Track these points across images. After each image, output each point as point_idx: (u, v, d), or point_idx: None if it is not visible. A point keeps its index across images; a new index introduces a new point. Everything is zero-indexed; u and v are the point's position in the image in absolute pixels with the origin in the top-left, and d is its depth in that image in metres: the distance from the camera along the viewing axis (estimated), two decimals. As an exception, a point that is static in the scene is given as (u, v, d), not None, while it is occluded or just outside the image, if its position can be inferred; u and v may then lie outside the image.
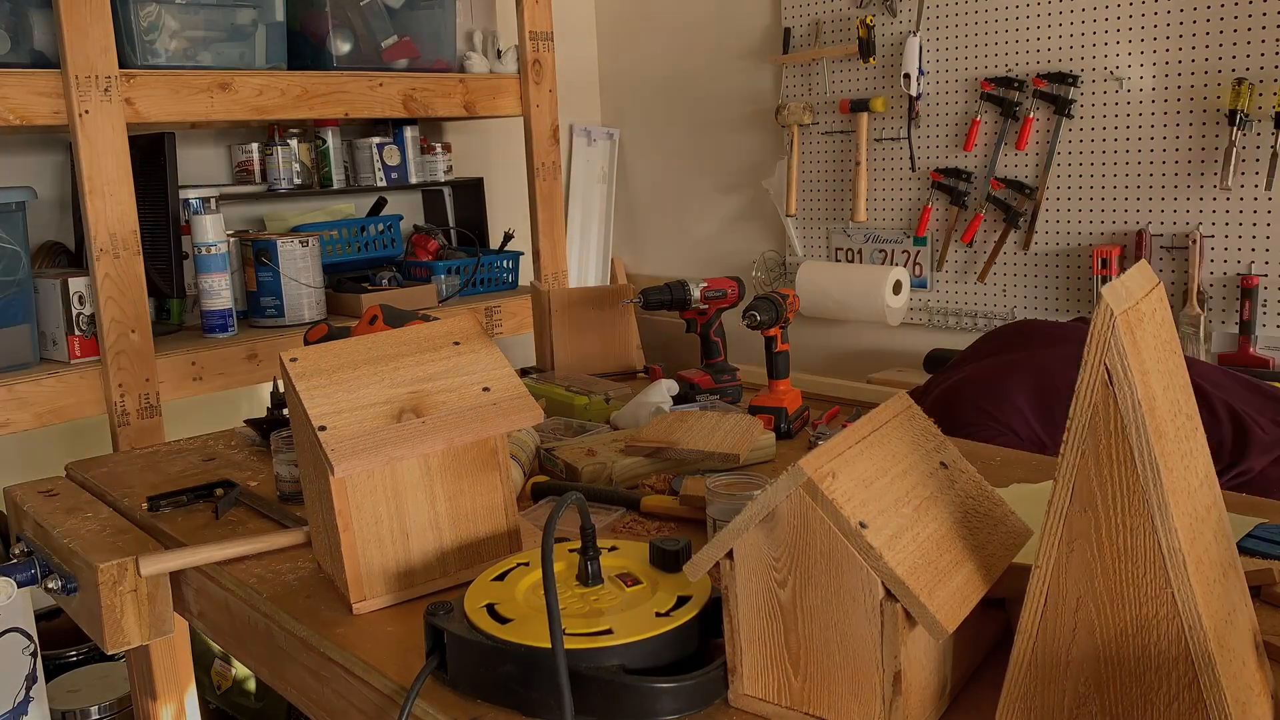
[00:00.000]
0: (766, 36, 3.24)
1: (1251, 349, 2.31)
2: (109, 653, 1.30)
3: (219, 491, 1.49)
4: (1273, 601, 1.01)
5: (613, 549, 1.04)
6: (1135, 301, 0.72)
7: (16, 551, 1.46)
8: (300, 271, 2.43)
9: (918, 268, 2.93)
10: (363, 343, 1.17)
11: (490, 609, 0.94)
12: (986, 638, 0.93)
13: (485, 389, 1.15)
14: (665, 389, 1.73)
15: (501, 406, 1.14)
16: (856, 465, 0.82)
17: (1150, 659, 0.72)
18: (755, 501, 0.82)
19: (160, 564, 1.24)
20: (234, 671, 2.16)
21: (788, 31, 3.12)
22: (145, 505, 1.46)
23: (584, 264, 3.73)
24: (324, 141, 2.72)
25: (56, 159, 2.49)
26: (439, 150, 2.93)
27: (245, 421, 1.78)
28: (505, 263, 2.86)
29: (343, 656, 1.02)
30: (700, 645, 0.92)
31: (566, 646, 0.84)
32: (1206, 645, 0.70)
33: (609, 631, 0.88)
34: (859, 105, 2.95)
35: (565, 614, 0.91)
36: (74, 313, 2.08)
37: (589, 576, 0.97)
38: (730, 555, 0.84)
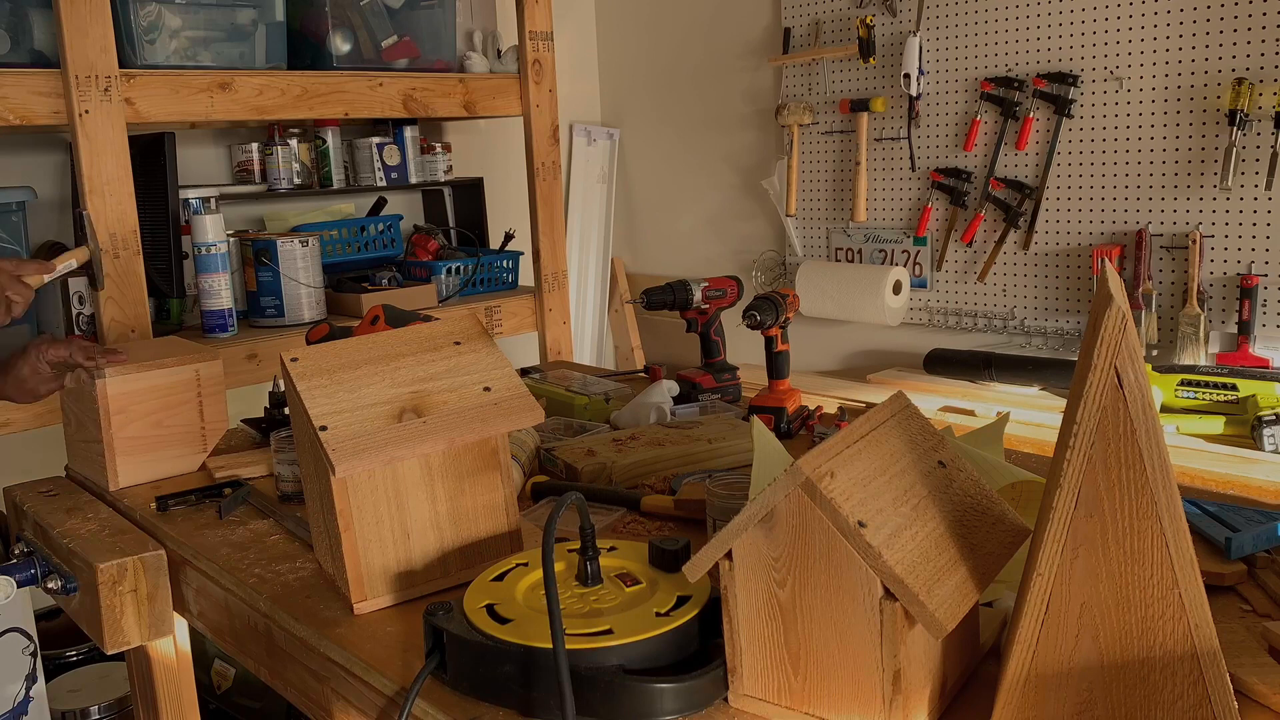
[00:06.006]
0: (766, 36, 3.24)
1: (1250, 349, 2.30)
2: (109, 653, 1.30)
3: (227, 491, 1.49)
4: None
5: (612, 549, 1.04)
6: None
7: (16, 551, 1.46)
8: (300, 271, 2.43)
9: (918, 268, 2.93)
10: (364, 343, 1.17)
11: (490, 609, 0.94)
12: (986, 636, 0.93)
13: (486, 389, 1.15)
14: (665, 389, 1.73)
15: (502, 406, 1.14)
16: (854, 465, 0.82)
17: (1156, 659, 0.72)
18: (754, 501, 0.82)
19: None
20: (234, 672, 2.16)
21: (788, 31, 3.12)
22: (154, 504, 1.46)
23: (584, 264, 3.73)
24: (324, 141, 2.72)
25: (56, 159, 2.48)
26: (439, 150, 2.93)
27: (243, 421, 1.78)
28: (505, 263, 2.86)
29: (343, 656, 1.02)
30: (700, 645, 0.92)
31: (566, 647, 0.84)
32: (1212, 641, 0.70)
33: (609, 631, 0.88)
34: (859, 105, 2.94)
35: (565, 614, 0.91)
36: (74, 313, 2.08)
37: (589, 576, 0.97)
38: (729, 555, 0.84)
